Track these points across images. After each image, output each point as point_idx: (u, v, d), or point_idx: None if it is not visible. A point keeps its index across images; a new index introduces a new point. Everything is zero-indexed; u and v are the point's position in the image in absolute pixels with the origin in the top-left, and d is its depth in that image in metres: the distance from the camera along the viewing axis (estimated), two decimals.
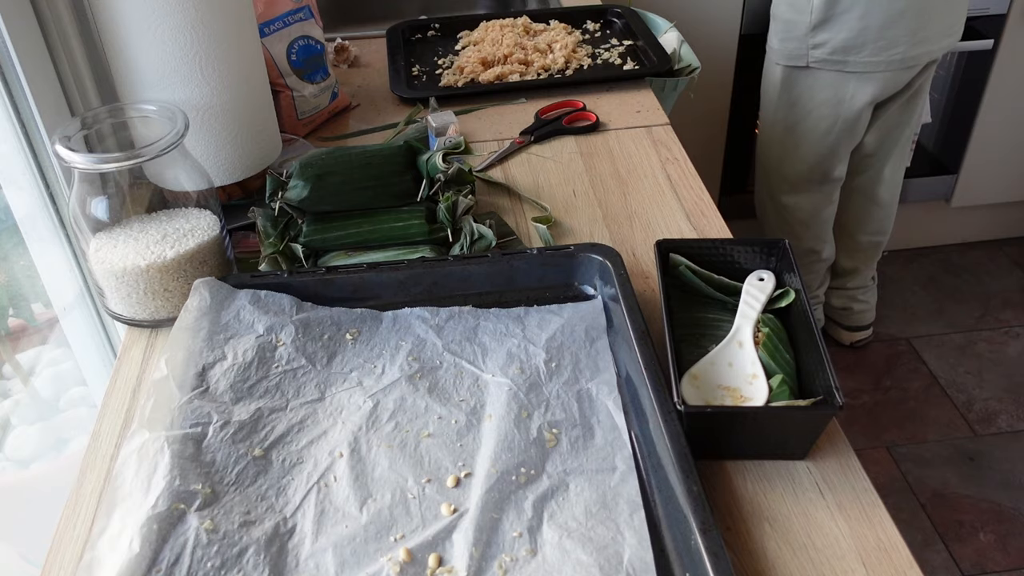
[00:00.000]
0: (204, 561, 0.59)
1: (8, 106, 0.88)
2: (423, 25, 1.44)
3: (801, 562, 0.61)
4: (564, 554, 0.60)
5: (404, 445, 0.68)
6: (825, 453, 0.69)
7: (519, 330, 0.78)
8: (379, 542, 0.61)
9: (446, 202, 0.91)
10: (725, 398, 0.70)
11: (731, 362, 0.72)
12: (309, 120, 1.17)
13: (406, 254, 0.88)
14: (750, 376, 0.71)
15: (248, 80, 0.94)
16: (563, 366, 0.75)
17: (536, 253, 0.83)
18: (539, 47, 1.33)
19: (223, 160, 0.95)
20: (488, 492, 0.63)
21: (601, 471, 0.66)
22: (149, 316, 0.83)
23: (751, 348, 0.73)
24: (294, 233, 0.90)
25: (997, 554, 1.65)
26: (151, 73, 0.88)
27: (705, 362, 0.72)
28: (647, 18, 1.42)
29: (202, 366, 0.74)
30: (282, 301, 0.80)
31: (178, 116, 0.80)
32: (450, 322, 0.80)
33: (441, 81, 1.28)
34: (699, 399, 0.69)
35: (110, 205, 0.81)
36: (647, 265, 0.90)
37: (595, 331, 0.78)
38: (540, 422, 0.70)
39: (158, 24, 0.85)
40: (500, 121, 1.19)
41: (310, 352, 0.76)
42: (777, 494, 0.66)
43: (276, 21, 1.10)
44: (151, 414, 0.68)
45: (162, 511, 0.61)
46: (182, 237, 0.81)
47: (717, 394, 0.70)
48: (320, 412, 0.72)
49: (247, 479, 0.66)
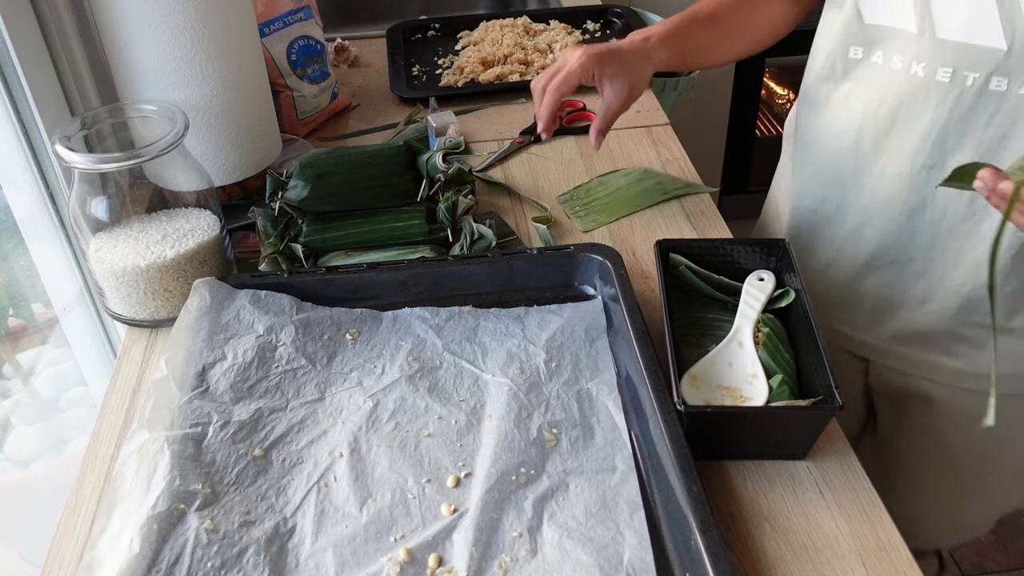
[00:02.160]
0: (204, 561, 0.59)
1: (8, 106, 0.88)
2: (423, 25, 1.44)
3: (801, 562, 0.61)
4: (564, 554, 0.60)
5: (404, 445, 0.68)
6: (825, 453, 0.69)
7: (519, 330, 0.78)
8: (379, 542, 0.61)
9: (446, 202, 0.91)
10: (725, 398, 0.70)
11: (731, 362, 0.72)
12: (309, 120, 1.17)
13: (406, 254, 0.88)
14: (750, 376, 0.71)
15: (248, 80, 0.94)
16: (563, 366, 0.75)
17: (536, 253, 0.83)
18: (539, 47, 1.33)
19: (223, 160, 0.95)
20: (488, 492, 0.63)
21: (601, 471, 0.66)
22: (149, 316, 0.82)
23: (751, 348, 0.73)
24: (294, 233, 0.90)
25: (997, 554, 1.66)
26: (151, 73, 0.88)
27: (705, 362, 0.72)
28: (647, 18, 1.42)
29: (202, 366, 0.74)
30: (282, 301, 0.80)
31: (178, 116, 0.80)
32: (450, 322, 0.80)
33: (441, 81, 1.28)
34: (699, 399, 0.69)
35: (110, 205, 0.81)
36: (647, 265, 0.90)
37: (595, 331, 0.78)
38: (540, 422, 0.70)
39: (158, 24, 0.85)
40: (500, 121, 1.19)
41: (310, 352, 0.76)
42: (777, 494, 0.66)
43: (276, 21, 1.10)
44: (151, 414, 0.68)
45: (162, 511, 0.61)
46: (182, 237, 0.81)
47: (717, 394, 0.70)
48: (320, 412, 0.72)
49: (247, 479, 0.66)
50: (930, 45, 0.79)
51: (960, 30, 0.77)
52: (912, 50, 0.81)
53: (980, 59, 0.76)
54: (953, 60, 0.78)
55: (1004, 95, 0.76)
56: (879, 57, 0.84)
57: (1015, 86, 0.76)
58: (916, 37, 0.80)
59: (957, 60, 0.78)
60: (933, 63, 0.79)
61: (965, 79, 0.78)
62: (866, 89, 0.86)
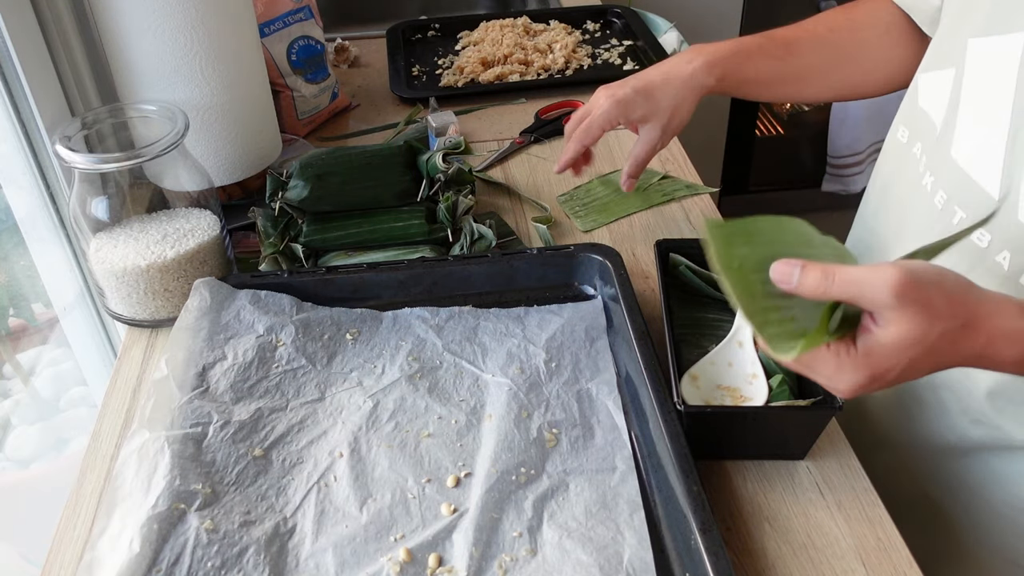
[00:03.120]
0: (204, 561, 0.59)
1: (8, 106, 0.88)
2: (423, 25, 1.44)
3: (801, 562, 0.61)
4: (564, 554, 0.60)
5: (404, 445, 0.68)
6: (825, 453, 0.69)
7: (519, 330, 0.78)
8: (379, 542, 0.61)
9: (446, 202, 0.91)
10: (725, 398, 0.70)
11: (731, 362, 0.72)
12: (309, 120, 1.17)
13: (406, 254, 0.88)
14: (750, 376, 0.71)
15: (248, 80, 0.94)
16: (563, 366, 0.75)
17: (536, 253, 0.83)
18: (539, 47, 1.33)
19: (223, 160, 0.95)
20: (488, 492, 0.63)
21: (601, 471, 0.66)
22: (149, 316, 0.83)
23: (751, 348, 0.73)
24: (294, 233, 0.90)
25: None
26: (151, 73, 0.88)
27: (705, 362, 0.72)
28: (647, 18, 1.42)
29: (202, 366, 0.74)
30: (282, 301, 0.80)
31: (178, 116, 0.80)
32: (450, 322, 0.80)
33: (441, 81, 1.28)
34: (699, 399, 0.69)
35: (110, 205, 0.81)
36: (647, 265, 0.90)
37: (595, 331, 0.78)
38: (540, 422, 0.70)
39: (158, 24, 0.85)
40: (500, 121, 1.19)
41: (310, 352, 0.76)
42: (777, 494, 0.66)
43: (276, 21, 1.10)
44: (151, 414, 0.68)
45: (162, 511, 0.61)
46: (182, 237, 0.81)
47: (717, 394, 0.70)
48: (320, 412, 0.72)
49: (247, 479, 0.66)
50: (943, 159, 0.68)
51: (968, 154, 0.65)
52: (930, 156, 0.70)
53: (972, 199, 0.64)
54: (952, 187, 0.67)
55: (983, 254, 0.63)
56: (918, 150, 0.73)
57: (994, 250, 0.63)
58: (936, 143, 0.69)
59: (954, 188, 0.66)
60: (938, 181, 0.68)
61: (953, 215, 0.66)
62: (896, 187, 0.76)
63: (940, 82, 0.69)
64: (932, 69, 0.72)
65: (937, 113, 0.70)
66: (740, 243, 0.53)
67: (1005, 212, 0.61)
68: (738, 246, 0.53)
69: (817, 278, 0.50)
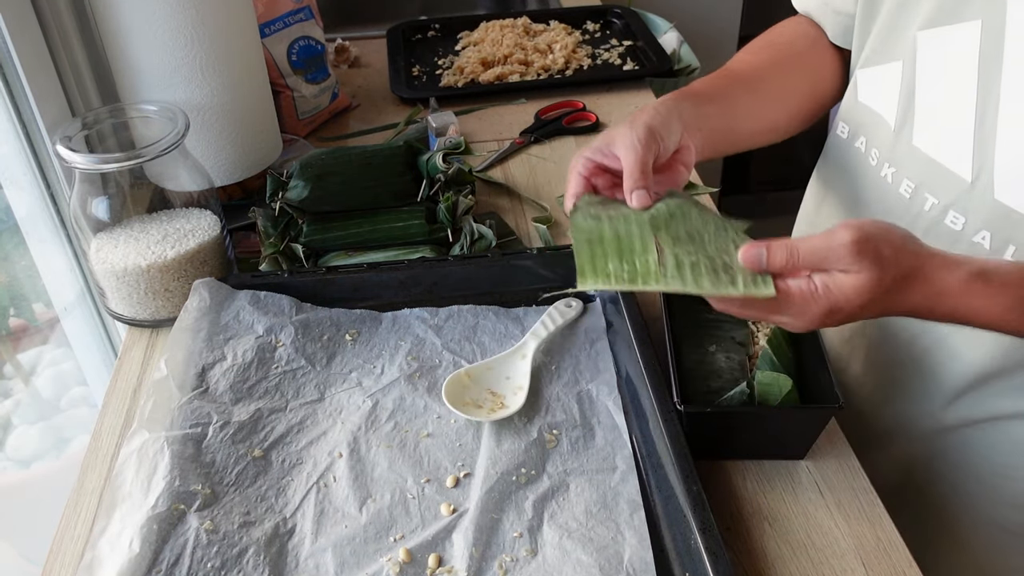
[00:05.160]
0: (204, 561, 0.59)
1: (9, 106, 0.88)
2: (423, 25, 1.44)
3: (801, 562, 0.62)
4: (564, 554, 0.60)
5: (403, 445, 0.68)
6: (825, 453, 0.69)
7: (519, 330, 0.78)
8: (379, 542, 0.61)
9: (446, 202, 0.91)
10: (487, 401, 0.71)
11: (509, 375, 0.74)
12: (309, 120, 1.17)
13: (406, 254, 0.88)
14: (516, 388, 0.72)
15: (248, 80, 0.94)
16: (563, 367, 0.75)
17: (536, 253, 0.83)
18: (539, 47, 1.33)
19: (223, 160, 0.95)
20: (488, 492, 0.63)
21: (601, 471, 0.66)
22: (150, 316, 0.83)
23: (529, 362, 0.74)
24: (294, 233, 0.90)
25: None
26: (152, 73, 0.88)
27: (482, 366, 0.74)
28: (647, 18, 1.42)
29: (202, 366, 0.74)
30: (281, 302, 0.80)
31: (179, 116, 0.80)
32: (449, 321, 0.80)
33: (441, 81, 1.28)
34: (465, 397, 0.71)
35: (111, 205, 0.81)
36: None
37: (595, 332, 0.78)
38: (540, 423, 0.70)
39: (159, 24, 0.85)
40: (500, 121, 1.19)
41: (310, 353, 0.76)
42: (777, 494, 0.66)
43: (276, 21, 1.10)
44: (151, 414, 0.68)
45: (162, 511, 0.61)
46: (183, 237, 0.81)
47: (484, 396, 0.71)
48: (320, 412, 0.72)
49: (247, 479, 0.66)
50: (905, 149, 0.70)
51: (933, 141, 0.67)
52: (887, 148, 0.72)
53: (943, 184, 0.67)
54: (919, 175, 0.69)
55: (958, 236, 0.66)
56: (862, 144, 0.76)
57: (970, 230, 0.65)
58: (894, 135, 0.71)
59: (922, 177, 0.68)
60: (901, 171, 0.70)
61: (924, 202, 0.68)
62: (841, 181, 0.78)
63: (885, 76, 0.72)
64: (873, 64, 0.74)
65: (886, 106, 0.72)
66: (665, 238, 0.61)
67: (979, 192, 0.64)
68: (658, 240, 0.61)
69: (784, 256, 0.55)
